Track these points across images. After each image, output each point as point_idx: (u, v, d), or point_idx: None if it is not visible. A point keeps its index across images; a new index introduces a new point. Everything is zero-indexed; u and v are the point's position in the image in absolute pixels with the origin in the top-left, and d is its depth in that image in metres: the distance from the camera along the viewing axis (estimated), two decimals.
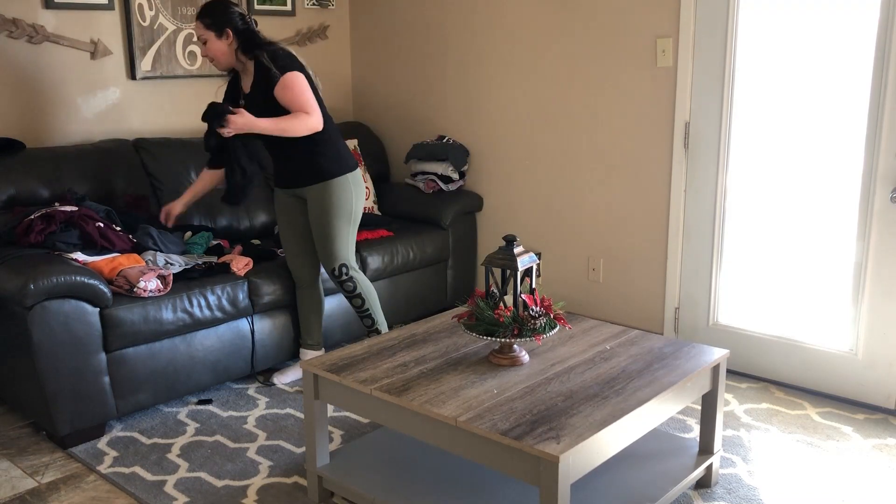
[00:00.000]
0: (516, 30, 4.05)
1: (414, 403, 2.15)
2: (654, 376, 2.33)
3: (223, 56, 3.08)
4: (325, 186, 3.15)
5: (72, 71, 3.68)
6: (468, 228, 4.36)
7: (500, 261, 2.40)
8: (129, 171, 3.61)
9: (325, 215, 3.17)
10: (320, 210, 3.17)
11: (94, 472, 2.75)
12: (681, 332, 3.73)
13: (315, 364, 2.43)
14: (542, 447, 1.90)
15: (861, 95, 3.05)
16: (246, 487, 2.64)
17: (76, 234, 3.05)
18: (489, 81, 4.22)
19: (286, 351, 3.51)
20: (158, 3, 3.87)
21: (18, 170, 3.31)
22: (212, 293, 3.16)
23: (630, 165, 3.76)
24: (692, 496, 2.56)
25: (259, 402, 3.29)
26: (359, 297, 3.29)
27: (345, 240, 3.21)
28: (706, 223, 3.56)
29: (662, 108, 3.60)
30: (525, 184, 4.19)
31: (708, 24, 3.39)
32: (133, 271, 2.98)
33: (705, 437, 2.59)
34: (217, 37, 3.04)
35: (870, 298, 3.14)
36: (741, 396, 3.31)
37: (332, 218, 3.17)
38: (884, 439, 2.93)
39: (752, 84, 3.35)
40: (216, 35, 3.04)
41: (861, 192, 3.11)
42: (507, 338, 2.33)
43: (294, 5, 4.47)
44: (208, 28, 3.04)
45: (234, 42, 3.05)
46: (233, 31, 3.04)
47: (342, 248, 3.21)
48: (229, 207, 3.71)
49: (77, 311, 2.80)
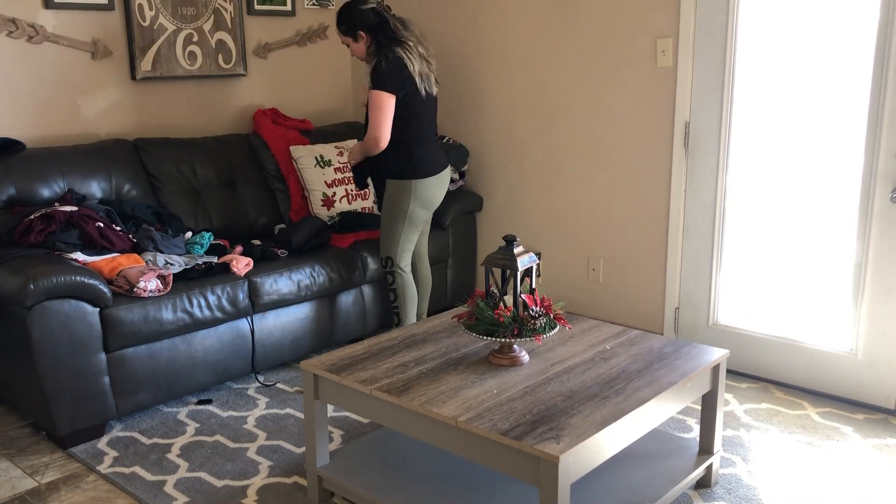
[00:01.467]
0: (516, 30, 4.05)
1: (414, 403, 2.15)
2: (654, 376, 2.33)
3: (363, 54, 3.34)
4: (391, 185, 3.37)
5: (72, 71, 3.68)
6: (468, 228, 4.36)
7: (500, 261, 2.40)
8: (129, 171, 3.61)
9: (385, 209, 3.41)
10: (384, 204, 3.43)
11: (94, 472, 2.75)
12: (681, 332, 3.73)
13: (315, 364, 2.43)
14: (542, 447, 1.90)
15: (861, 95, 3.05)
16: (246, 487, 2.64)
17: (76, 234, 3.05)
18: (489, 81, 4.22)
19: (286, 351, 3.51)
20: (158, 4, 3.87)
21: (18, 170, 3.30)
22: (212, 293, 3.16)
23: (630, 165, 3.76)
24: (692, 496, 2.56)
25: (259, 402, 3.29)
26: (393, 292, 3.49)
27: (396, 237, 3.39)
28: (706, 223, 3.56)
29: (662, 108, 3.60)
30: (525, 184, 4.19)
31: (708, 24, 3.39)
32: (133, 271, 2.98)
33: (705, 437, 2.59)
34: (355, 41, 3.33)
35: (870, 298, 3.14)
36: (741, 396, 3.31)
37: (390, 214, 3.39)
38: (884, 439, 2.93)
39: (752, 84, 3.35)
40: (353, 40, 3.33)
41: (861, 192, 3.10)
42: (507, 338, 2.33)
43: (294, 5, 4.47)
44: (345, 34, 3.34)
45: (369, 40, 3.29)
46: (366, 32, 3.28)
47: (392, 243, 3.41)
48: (229, 207, 3.76)
49: (77, 311, 2.80)
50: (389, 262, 3.44)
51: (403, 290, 3.47)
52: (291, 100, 4.51)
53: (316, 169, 3.99)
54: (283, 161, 4.05)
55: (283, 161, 4.05)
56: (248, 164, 4.01)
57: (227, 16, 4.14)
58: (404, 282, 3.46)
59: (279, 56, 4.45)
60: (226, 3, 4.13)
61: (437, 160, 3.41)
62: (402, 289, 3.47)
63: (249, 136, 4.14)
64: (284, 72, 4.48)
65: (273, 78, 4.44)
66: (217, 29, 4.11)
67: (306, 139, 4.19)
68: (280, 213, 4.05)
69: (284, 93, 4.49)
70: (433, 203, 3.44)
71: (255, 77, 4.35)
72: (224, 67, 4.18)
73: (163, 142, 3.80)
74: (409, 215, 3.37)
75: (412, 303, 3.51)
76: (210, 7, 4.07)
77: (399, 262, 3.44)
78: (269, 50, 4.39)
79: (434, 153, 3.41)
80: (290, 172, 4.04)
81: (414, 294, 3.51)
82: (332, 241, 3.76)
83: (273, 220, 4.01)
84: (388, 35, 3.25)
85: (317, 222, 3.74)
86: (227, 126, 4.28)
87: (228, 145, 4.00)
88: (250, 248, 3.56)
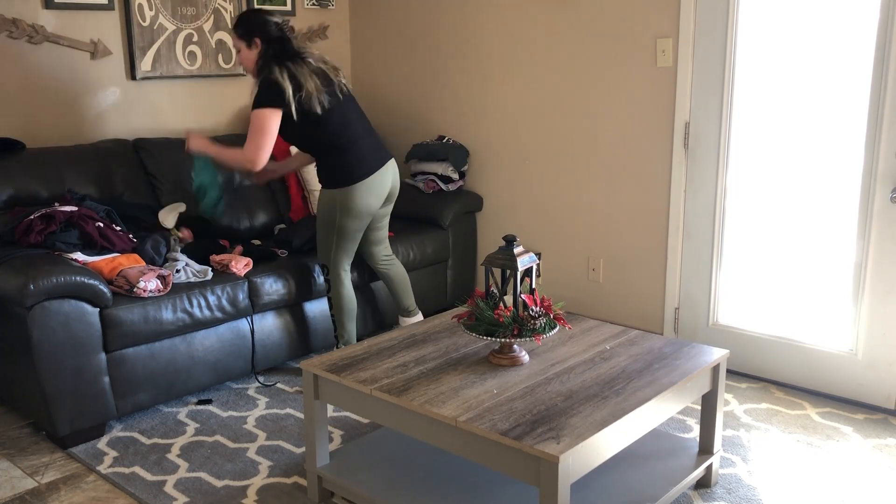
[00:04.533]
0: (516, 30, 4.05)
1: (414, 403, 2.15)
2: (654, 376, 2.33)
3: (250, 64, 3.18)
4: (321, 193, 3.32)
5: (72, 71, 3.68)
6: (468, 228, 4.36)
7: (500, 261, 2.40)
8: (129, 171, 3.61)
9: (318, 216, 3.36)
10: (317, 209, 3.38)
11: (94, 473, 2.75)
12: (681, 332, 3.73)
13: (315, 364, 2.43)
14: (542, 447, 1.90)
15: (861, 95, 3.05)
16: (246, 487, 2.64)
17: (76, 234, 3.05)
18: (489, 81, 4.22)
19: (286, 351, 3.51)
20: (158, 4, 3.87)
21: (18, 170, 3.30)
22: (212, 293, 3.16)
23: (630, 165, 3.76)
24: (692, 496, 2.56)
25: (259, 402, 3.29)
26: (329, 300, 3.42)
27: (329, 247, 3.32)
28: (706, 223, 3.56)
29: (662, 108, 3.60)
30: (525, 184, 4.19)
31: (708, 24, 3.39)
32: (133, 271, 2.98)
33: (705, 437, 2.59)
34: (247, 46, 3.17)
35: (870, 298, 3.14)
36: (741, 396, 3.31)
37: (321, 223, 3.33)
38: (884, 439, 2.93)
39: (752, 84, 3.35)
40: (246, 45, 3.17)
41: (861, 192, 3.10)
42: (507, 338, 2.33)
43: (294, 5, 4.47)
44: (240, 38, 3.17)
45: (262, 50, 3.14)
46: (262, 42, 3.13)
47: (325, 251, 3.35)
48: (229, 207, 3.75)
49: (77, 311, 2.80)
50: (325, 269, 3.36)
51: (339, 300, 3.36)
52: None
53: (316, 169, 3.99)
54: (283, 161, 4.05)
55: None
56: None
57: (227, 16, 4.14)
58: (340, 291, 3.35)
59: None
60: (226, 3, 4.13)
61: (366, 163, 3.21)
62: (336, 298, 3.36)
63: None
64: None
65: None
66: (217, 29, 4.12)
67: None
68: (280, 213, 4.05)
69: None
70: (366, 211, 3.24)
71: None
72: (224, 67, 4.18)
73: (163, 142, 3.80)
74: (337, 227, 3.25)
75: (348, 313, 3.38)
76: (210, 7, 4.07)
77: (336, 269, 3.33)
78: None
79: (361, 157, 3.20)
80: (290, 173, 4.04)
81: (352, 303, 3.38)
82: None
83: (273, 220, 4.01)
84: (286, 49, 3.10)
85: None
86: (227, 126, 4.28)
87: (228, 145, 3.99)
88: (250, 248, 3.56)
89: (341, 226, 3.26)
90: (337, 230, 3.27)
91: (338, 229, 3.27)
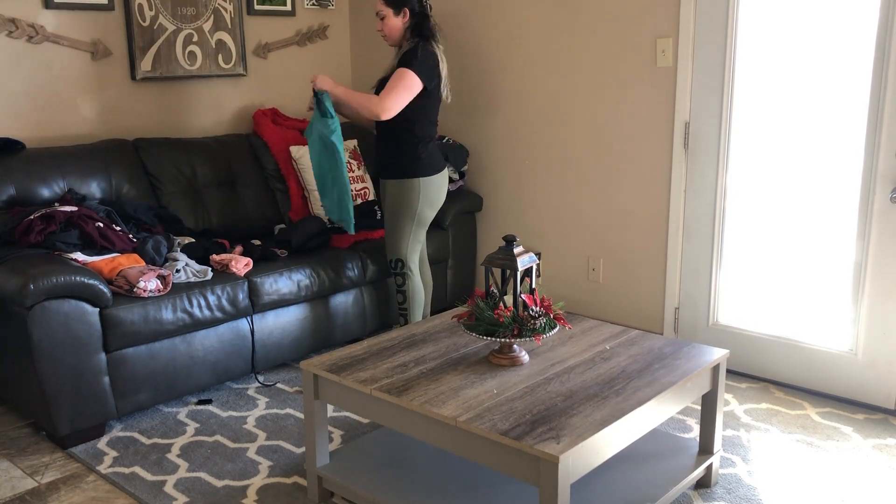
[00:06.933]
0: (516, 30, 4.05)
1: (414, 403, 2.15)
2: (653, 376, 2.33)
3: (396, 33, 3.29)
4: (396, 184, 3.33)
5: (72, 71, 3.68)
6: (468, 228, 4.36)
7: (500, 261, 2.40)
8: (129, 171, 3.61)
9: (391, 210, 3.38)
10: (389, 205, 3.39)
11: (94, 472, 2.75)
12: (681, 332, 3.73)
13: (315, 364, 2.43)
14: (541, 447, 1.90)
15: (861, 95, 3.05)
16: (246, 487, 2.64)
17: (76, 234, 3.04)
18: (489, 82, 4.22)
19: (286, 351, 3.51)
20: (158, 4, 3.87)
21: (18, 170, 3.30)
22: (212, 293, 3.16)
23: (630, 165, 3.76)
24: (692, 496, 2.56)
25: (259, 402, 3.29)
26: (403, 294, 3.46)
27: (405, 238, 3.37)
28: (706, 223, 3.56)
29: (662, 108, 3.60)
30: (525, 184, 4.19)
31: (708, 24, 3.39)
32: (133, 271, 2.98)
33: (705, 437, 2.59)
34: (395, 14, 3.26)
35: (870, 298, 3.14)
36: (741, 396, 3.31)
37: (397, 215, 3.36)
38: (884, 439, 2.93)
39: (752, 84, 3.35)
40: (394, 12, 3.26)
41: (861, 192, 3.10)
42: (507, 338, 2.33)
43: (294, 5, 4.48)
44: (388, 4, 3.25)
45: (408, 22, 3.26)
46: (411, 13, 3.25)
47: (401, 245, 3.39)
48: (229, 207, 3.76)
49: (77, 311, 2.80)
50: (399, 263, 3.42)
51: (413, 293, 3.46)
52: (291, 100, 4.51)
53: None
54: (283, 161, 4.05)
55: (283, 161, 4.05)
56: (247, 164, 4.01)
57: (226, 16, 4.14)
58: (414, 284, 3.45)
59: (279, 56, 4.45)
60: (226, 3, 4.13)
61: (440, 158, 3.42)
62: (412, 291, 3.45)
63: (249, 136, 4.14)
64: (284, 72, 4.48)
65: (273, 78, 4.44)
66: (217, 29, 4.12)
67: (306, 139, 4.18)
68: (280, 213, 4.05)
69: (284, 93, 4.49)
70: (438, 201, 3.42)
71: (255, 77, 4.35)
72: (224, 67, 4.18)
73: (163, 142, 3.80)
74: (418, 215, 3.36)
75: (420, 305, 3.50)
76: (210, 7, 4.07)
77: (409, 264, 3.43)
78: (269, 50, 4.39)
79: (437, 152, 3.42)
80: (290, 172, 4.04)
81: (422, 296, 3.50)
82: (332, 242, 3.76)
83: (273, 220, 4.01)
84: (426, 26, 3.27)
85: (317, 222, 3.74)
86: (227, 126, 4.28)
87: (228, 145, 4.00)
88: (250, 248, 3.56)
89: (421, 214, 3.36)
90: (416, 219, 3.35)
91: (417, 218, 3.35)
